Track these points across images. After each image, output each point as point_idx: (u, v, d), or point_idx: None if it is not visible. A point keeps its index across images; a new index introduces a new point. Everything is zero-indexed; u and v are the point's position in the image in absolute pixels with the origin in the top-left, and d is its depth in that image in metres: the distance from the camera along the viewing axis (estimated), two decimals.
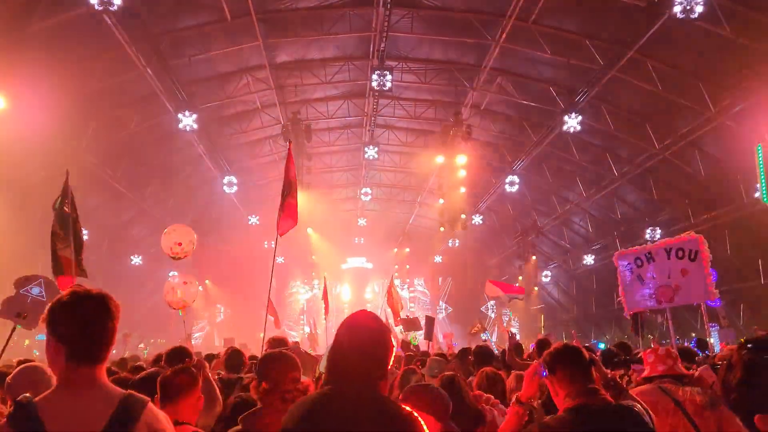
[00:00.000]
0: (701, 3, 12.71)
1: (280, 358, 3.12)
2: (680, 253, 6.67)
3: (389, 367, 2.17)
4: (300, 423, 2.01)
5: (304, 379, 3.09)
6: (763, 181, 13.62)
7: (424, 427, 2.03)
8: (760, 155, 13.71)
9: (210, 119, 20.68)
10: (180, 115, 18.12)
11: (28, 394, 1.84)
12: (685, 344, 14.06)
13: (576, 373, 2.70)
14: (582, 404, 2.58)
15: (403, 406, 2.13)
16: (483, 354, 6.59)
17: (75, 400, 1.81)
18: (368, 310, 2.41)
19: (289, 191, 8.17)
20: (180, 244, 11.16)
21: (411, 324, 20.06)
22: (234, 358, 6.01)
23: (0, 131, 13.53)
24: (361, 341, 2.11)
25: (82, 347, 1.88)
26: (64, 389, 1.86)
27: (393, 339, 2.20)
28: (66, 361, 1.87)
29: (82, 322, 1.89)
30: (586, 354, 2.85)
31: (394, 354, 2.21)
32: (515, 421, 2.96)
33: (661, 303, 6.83)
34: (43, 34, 13.73)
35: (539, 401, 3.14)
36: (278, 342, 5.83)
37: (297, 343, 8.83)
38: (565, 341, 3.34)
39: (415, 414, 2.06)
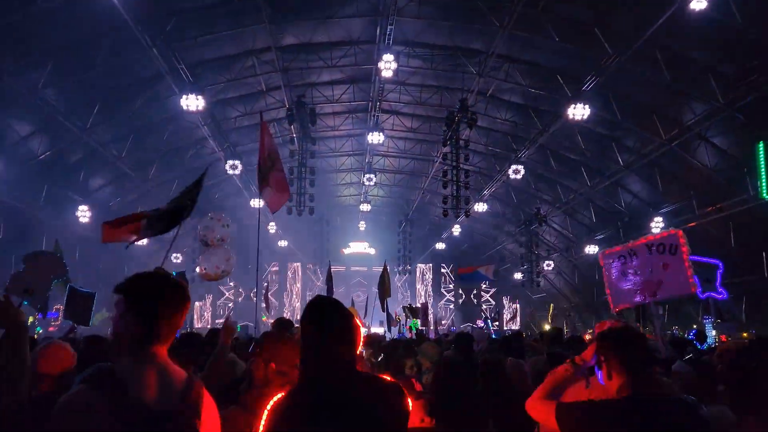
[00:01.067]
0: None
1: (286, 342, 3.09)
2: (661, 248, 6.73)
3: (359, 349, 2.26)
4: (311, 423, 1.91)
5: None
6: (763, 177, 13.75)
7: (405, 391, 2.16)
8: (761, 152, 13.77)
9: (215, 101, 20.64)
10: (185, 96, 18.07)
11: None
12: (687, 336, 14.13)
13: (634, 359, 2.45)
14: (638, 393, 2.35)
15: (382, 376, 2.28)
16: (461, 339, 6.74)
17: (149, 373, 1.88)
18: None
19: (273, 165, 8.01)
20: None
21: (414, 311, 20.63)
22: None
23: None
24: (335, 326, 2.08)
25: (163, 329, 1.96)
26: (135, 363, 1.90)
27: (358, 321, 2.23)
28: (140, 338, 1.92)
29: (171, 307, 1.98)
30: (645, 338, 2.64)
31: (361, 336, 2.26)
32: (561, 376, 2.76)
33: (645, 298, 6.90)
34: (49, 13, 13.67)
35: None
36: (284, 323, 5.75)
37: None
38: (614, 323, 3.19)
39: (394, 380, 2.23)
